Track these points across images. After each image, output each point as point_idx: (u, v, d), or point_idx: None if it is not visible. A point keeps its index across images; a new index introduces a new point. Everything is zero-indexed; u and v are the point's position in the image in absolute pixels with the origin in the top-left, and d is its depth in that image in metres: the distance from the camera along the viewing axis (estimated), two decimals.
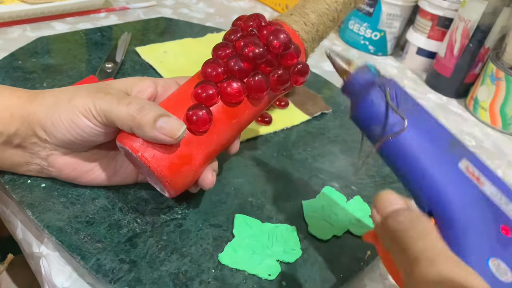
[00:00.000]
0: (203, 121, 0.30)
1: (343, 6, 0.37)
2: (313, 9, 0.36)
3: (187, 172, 0.31)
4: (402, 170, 0.26)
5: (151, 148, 0.29)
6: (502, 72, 0.57)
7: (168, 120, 0.29)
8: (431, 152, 0.25)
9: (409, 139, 0.25)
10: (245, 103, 0.32)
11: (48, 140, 0.31)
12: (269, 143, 0.45)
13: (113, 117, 0.29)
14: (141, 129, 0.29)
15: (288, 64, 0.33)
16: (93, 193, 0.34)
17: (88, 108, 0.30)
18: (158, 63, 0.53)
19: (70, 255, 0.30)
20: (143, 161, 0.29)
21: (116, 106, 0.29)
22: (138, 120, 0.28)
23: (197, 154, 0.31)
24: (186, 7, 0.73)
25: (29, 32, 0.57)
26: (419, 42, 0.69)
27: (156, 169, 0.29)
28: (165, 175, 0.30)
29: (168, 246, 0.32)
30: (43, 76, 0.46)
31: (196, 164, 0.31)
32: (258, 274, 0.31)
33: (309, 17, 0.36)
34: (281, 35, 0.31)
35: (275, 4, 0.79)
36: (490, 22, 0.58)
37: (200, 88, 0.31)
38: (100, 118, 0.30)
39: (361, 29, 0.71)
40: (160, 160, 0.29)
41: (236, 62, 0.31)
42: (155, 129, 0.28)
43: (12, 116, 0.30)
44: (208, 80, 0.32)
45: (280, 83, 0.33)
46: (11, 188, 0.33)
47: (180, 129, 0.29)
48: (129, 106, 0.29)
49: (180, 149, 0.30)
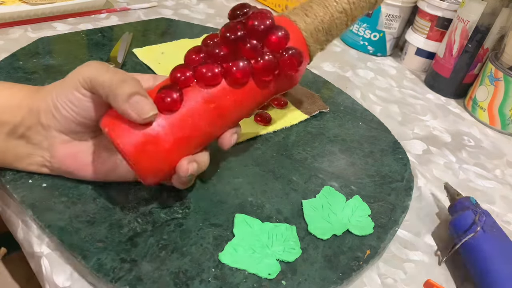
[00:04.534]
0: (172, 101, 0.30)
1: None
2: (318, 2, 0.36)
3: (153, 153, 0.30)
4: (477, 269, 0.35)
5: (119, 124, 0.30)
6: (500, 73, 0.57)
7: (142, 99, 0.29)
8: (498, 260, 0.34)
9: (481, 245, 0.35)
10: (224, 88, 0.32)
11: (50, 126, 0.32)
12: (268, 143, 0.45)
13: (98, 82, 0.30)
14: (115, 99, 0.29)
15: (275, 48, 0.32)
16: (94, 193, 0.34)
17: (77, 78, 0.31)
18: (155, 64, 0.53)
19: (71, 255, 0.30)
20: (110, 136, 0.29)
21: (103, 73, 0.30)
22: (115, 89, 0.29)
23: (166, 136, 0.30)
24: (186, 8, 0.74)
25: (30, 32, 0.57)
26: (418, 43, 0.69)
27: (119, 144, 0.29)
28: (128, 152, 0.29)
29: (169, 245, 0.32)
30: (44, 76, 0.47)
31: (165, 146, 0.30)
32: (258, 273, 0.31)
33: (312, 9, 0.36)
34: (263, 18, 0.31)
35: (275, 5, 0.79)
36: (489, 23, 0.58)
37: (177, 71, 0.31)
38: (86, 85, 0.31)
39: (360, 30, 0.72)
40: (125, 136, 0.29)
41: (214, 45, 0.32)
42: (127, 103, 0.29)
43: (20, 105, 0.32)
44: (188, 64, 0.32)
45: (266, 68, 0.32)
46: (12, 187, 0.34)
47: (150, 112, 0.29)
48: (115, 75, 0.30)
49: (147, 129, 0.30)
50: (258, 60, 0.32)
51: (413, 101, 0.63)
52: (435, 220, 0.42)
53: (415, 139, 0.54)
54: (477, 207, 0.38)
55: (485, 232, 0.36)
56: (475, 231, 0.35)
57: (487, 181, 0.50)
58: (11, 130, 0.32)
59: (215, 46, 0.32)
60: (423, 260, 0.38)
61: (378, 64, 0.71)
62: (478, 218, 0.36)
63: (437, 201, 0.45)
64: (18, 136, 0.32)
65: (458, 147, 0.55)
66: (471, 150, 0.55)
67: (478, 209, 0.38)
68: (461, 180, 0.49)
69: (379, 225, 0.38)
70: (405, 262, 0.37)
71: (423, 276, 0.36)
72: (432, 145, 0.54)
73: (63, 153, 0.33)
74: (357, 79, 0.65)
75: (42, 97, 0.32)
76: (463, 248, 0.36)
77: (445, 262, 0.38)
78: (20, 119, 0.32)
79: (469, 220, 0.37)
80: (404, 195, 0.41)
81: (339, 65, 0.67)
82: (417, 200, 0.44)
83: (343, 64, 0.68)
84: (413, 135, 0.55)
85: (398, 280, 0.36)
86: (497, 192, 0.48)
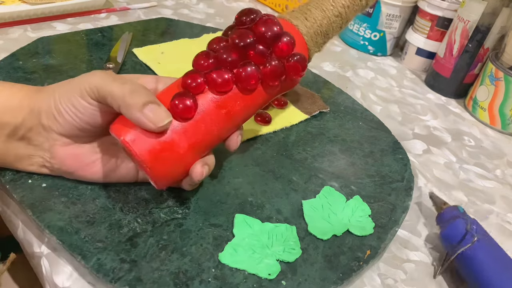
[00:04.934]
0: (187, 109, 0.31)
1: (350, 2, 0.38)
2: (316, 5, 0.37)
3: (169, 159, 0.31)
4: (472, 279, 0.34)
5: (134, 133, 0.30)
6: (501, 72, 0.57)
7: (156, 108, 0.29)
8: (496, 268, 0.34)
9: (478, 255, 0.34)
10: (235, 94, 0.33)
11: (52, 128, 0.32)
12: (269, 143, 0.45)
13: (106, 92, 0.30)
14: (128, 110, 0.29)
15: (282, 54, 0.33)
16: (94, 193, 0.34)
17: (83, 86, 0.30)
18: (155, 64, 0.53)
19: (71, 255, 0.30)
20: (125, 144, 0.30)
21: (110, 82, 0.30)
22: (128, 100, 0.29)
23: (181, 142, 0.31)
24: (186, 8, 0.74)
25: (30, 32, 0.57)
26: (418, 43, 0.69)
27: (136, 153, 0.29)
28: (145, 159, 0.30)
29: (169, 245, 0.32)
30: (44, 76, 0.47)
31: (180, 152, 0.31)
32: (258, 273, 0.31)
33: (311, 13, 0.36)
34: (271, 24, 0.32)
35: (275, 5, 0.79)
36: (489, 23, 0.58)
37: (188, 77, 0.31)
38: (93, 94, 0.30)
39: (361, 30, 0.71)
40: (141, 144, 0.30)
41: (224, 51, 0.32)
42: (141, 113, 0.29)
43: (20, 106, 0.31)
44: (197, 70, 0.32)
45: (273, 74, 0.33)
46: (12, 188, 0.33)
47: (165, 119, 0.29)
48: (124, 85, 0.30)
49: (162, 136, 0.30)
50: (266, 65, 0.33)
51: (413, 101, 0.63)
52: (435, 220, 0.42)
53: (415, 139, 0.54)
54: (465, 215, 0.37)
55: (479, 241, 0.35)
56: (472, 241, 0.35)
57: (488, 181, 0.50)
58: (12, 131, 0.32)
59: (225, 52, 0.32)
60: (423, 260, 0.38)
61: (379, 64, 0.71)
62: (469, 227, 0.35)
63: None
64: (19, 138, 0.32)
65: (459, 147, 0.55)
66: (472, 150, 0.55)
67: (467, 218, 0.37)
68: (462, 180, 0.49)
69: (379, 225, 0.37)
70: (405, 262, 0.37)
71: (423, 276, 0.36)
72: (433, 145, 0.54)
73: (63, 154, 0.33)
74: (357, 79, 0.65)
75: (43, 98, 0.32)
76: (458, 259, 0.35)
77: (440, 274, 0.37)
78: (21, 120, 0.31)
79: (460, 229, 0.36)
80: (404, 195, 0.41)
81: (339, 65, 0.67)
82: (418, 200, 0.44)
83: (343, 64, 0.68)
84: (413, 135, 0.55)
85: (398, 280, 0.36)
86: (498, 192, 0.48)
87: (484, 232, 0.36)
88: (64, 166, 0.33)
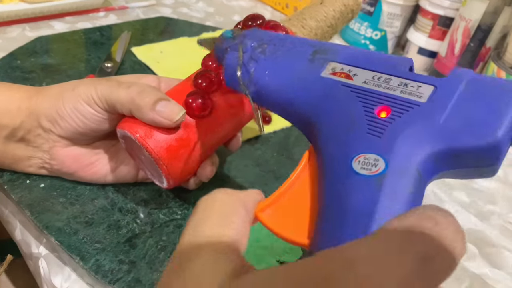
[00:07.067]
0: (202, 106, 0.31)
1: (340, 14, 0.40)
2: (311, 15, 0.39)
3: (185, 157, 0.31)
4: (279, 111, 0.26)
5: (149, 130, 0.30)
6: (503, 72, 0.56)
7: (167, 103, 0.29)
8: (291, 83, 0.24)
9: (268, 85, 0.25)
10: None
11: (52, 131, 0.31)
12: (269, 143, 0.44)
13: (114, 100, 0.30)
14: (140, 111, 0.29)
15: None
16: (93, 194, 0.34)
17: (90, 94, 0.30)
18: (154, 63, 0.52)
19: (69, 256, 0.30)
20: (141, 142, 0.29)
21: (116, 89, 0.30)
22: (138, 102, 0.29)
23: (195, 140, 0.31)
24: (185, 7, 0.73)
25: (28, 31, 0.57)
26: (420, 42, 0.68)
27: (153, 150, 0.29)
28: (162, 156, 0.30)
29: (168, 246, 0.32)
30: (42, 75, 0.46)
31: (194, 149, 0.31)
32: None
33: (307, 22, 0.38)
34: (279, 30, 0.32)
35: (275, 4, 0.79)
36: (491, 22, 0.58)
37: (199, 77, 0.32)
38: (101, 104, 0.30)
39: (362, 29, 0.71)
40: (158, 141, 0.30)
41: None
42: (154, 111, 0.29)
43: (19, 108, 0.31)
44: (208, 70, 0.32)
45: None
46: (10, 188, 0.33)
47: (179, 113, 0.29)
48: (130, 89, 0.30)
49: (178, 132, 0.30)
50: None
51: None
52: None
53: None
54: (236, 38, 0.26)
55: (258, 60, 0.25)
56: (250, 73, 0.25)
57: (489, 181, 0.49)
58: (10, 133, 0.31)
59: None
60: None
61: None
62: (242, 50, 0.25)
63: (438, 200, 0.44)
64: (17, 139, 0.32)
65: None
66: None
67: (237, 39, 0.26)
68: (463, 180, 0.49)
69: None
70: None
71: None
72: None
73: (63, 155, 0.33)
74: None
75: (44, 101, 0.31)
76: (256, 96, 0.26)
77: None
78: (19, 123, 0.31)
79: (234, 68, 0.26)
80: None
81: None
82: None
83: None
84: None
85: None
86: (499, 192, 0.48)
87: (262, 39, 0.26)
88: (64, 167, 0.33)
